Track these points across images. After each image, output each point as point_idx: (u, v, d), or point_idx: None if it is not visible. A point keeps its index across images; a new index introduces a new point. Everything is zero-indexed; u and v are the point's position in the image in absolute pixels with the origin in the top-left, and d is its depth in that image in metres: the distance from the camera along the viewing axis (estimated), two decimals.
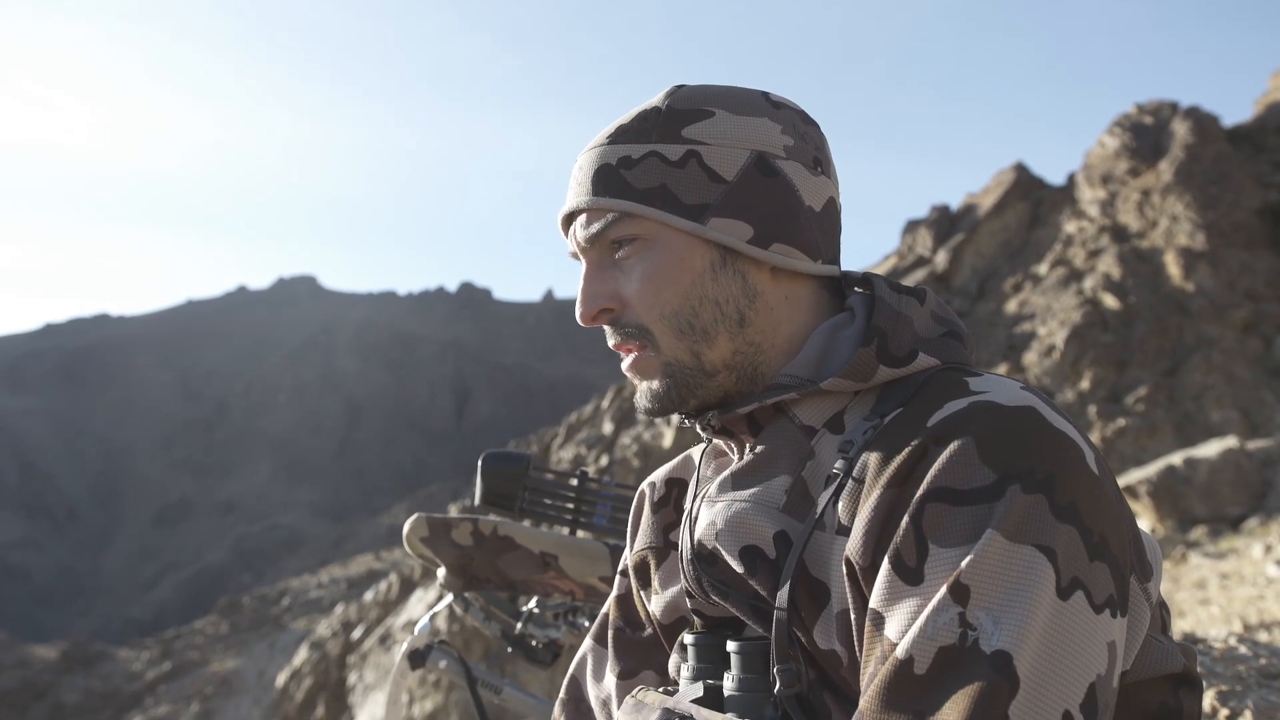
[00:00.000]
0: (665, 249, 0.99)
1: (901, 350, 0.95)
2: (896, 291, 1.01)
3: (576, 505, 2.07)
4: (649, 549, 1.14)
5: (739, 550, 0.94)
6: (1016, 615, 0.74)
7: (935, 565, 0.78)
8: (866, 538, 0.83)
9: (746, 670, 0.91)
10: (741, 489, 0.98)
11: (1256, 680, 2.04)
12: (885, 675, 0.76)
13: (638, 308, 1.00)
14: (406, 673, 1.99)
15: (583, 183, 1.02)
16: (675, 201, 0.98)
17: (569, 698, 1.23)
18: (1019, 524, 0.76)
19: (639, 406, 1.03)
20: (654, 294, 0.99)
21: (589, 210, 1.01)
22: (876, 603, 0.80)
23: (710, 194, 0.98)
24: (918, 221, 22.99)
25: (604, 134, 1.04)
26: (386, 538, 56.56)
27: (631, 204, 0.98)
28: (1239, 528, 8.98)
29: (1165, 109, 20.08)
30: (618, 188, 0.99)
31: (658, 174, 0.98)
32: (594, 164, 1.02)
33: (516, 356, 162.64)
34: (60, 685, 33.36)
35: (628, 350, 1.02)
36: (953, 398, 0.87)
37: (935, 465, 0.81)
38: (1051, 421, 0.83)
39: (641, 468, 17.14)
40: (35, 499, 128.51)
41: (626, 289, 1.00)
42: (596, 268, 1.03)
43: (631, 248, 1.00)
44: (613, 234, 1.00)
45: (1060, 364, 15.34)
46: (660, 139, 1.00)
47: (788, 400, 0.98)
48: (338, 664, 22.68)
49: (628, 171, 0.99)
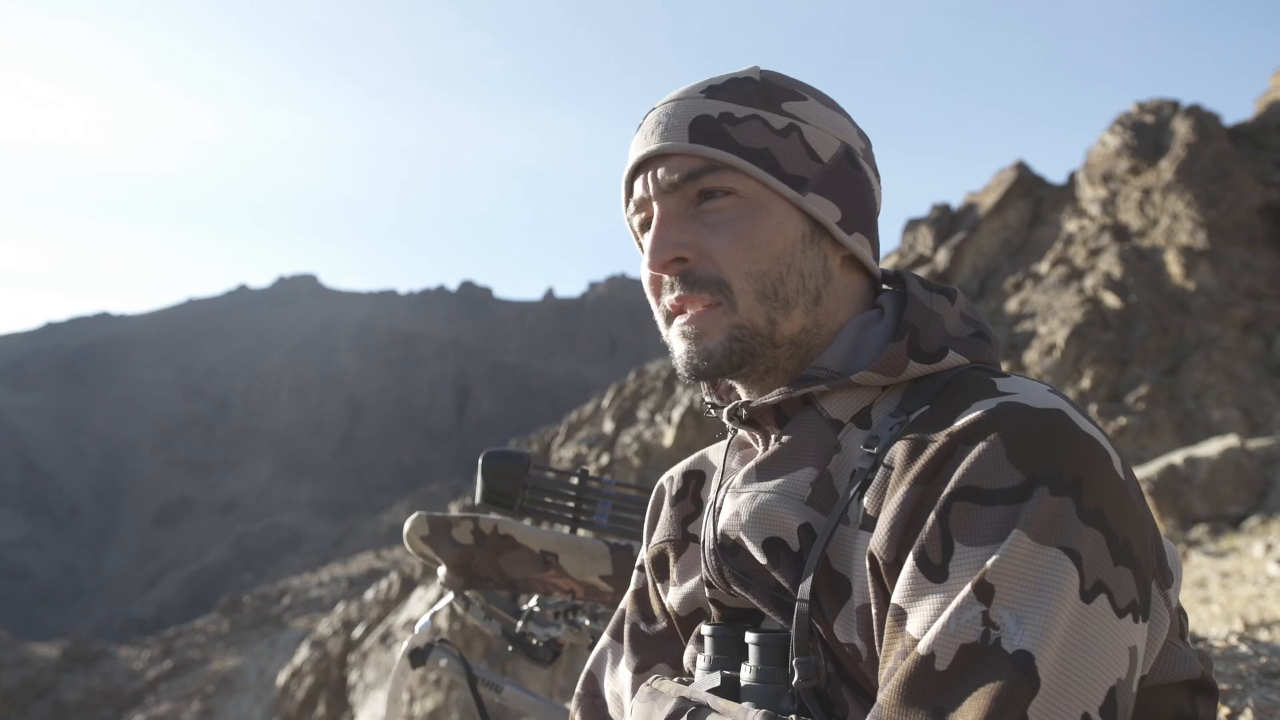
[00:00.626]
0: (763, 210, 0.98)
1: (932, 347, 0.96)
2: (927, 289, 1.01)
3: (577, 504, 2.07)
4: (667, 541, 1.14)
5: (763, 542, 0.94)
6: (1040, 616, 0.74)
7: (960, 563, 0.78)
8: (891, 533, 0.83)
9: (764, 662, 0.91)
10: (766, 480, 0.98)
11: (1257, 679, 2.04)
12: (906, 670, 0.76)
13: (723, 263, 0.97)
14: (407, 671, 1.99)
15: (675, 128, 0.99)
16: (778, 168, 0.98)
17: (585, 693, 1.22)
18: (1045, 526, 0.76)
19: (686, 366, 1.00)
20: (746, 252, 0.96)
21: (682, 155, 0.99)
22: (899, 598, 0.80)
23: (809, 169, 0.99)
24: (919, 220, 23.00)
25: (693, 89, 1.03)
26: (387, 536, 56.62)
27: (736, 158, 0.97)
28: (1240, 526, 8.99)
29: (1166, 108, 20.07)
30: (721, 139, 0.98)
31: (762, 137, 0.98)
32: (690, 113, 1.00)
33: (517, 355, 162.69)
34: (61, 683, 33.40)
35: (693, 304, 0.99)
36: (981, 397, 0.87)
37: (963, 464, 0.81)
38: (1080, 425, 0.83)
39: (642, 466, 17.15)
40: (36, 498, 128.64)
41: (711, 242, 0.97)
42: (675, 214, 0.99)
43: (726, 201, 0.98)
44: (707, 183, 0.98)
45: (1061, 363, 15.34)
46: (762, 106, 1.00)
47: (816, 392, 0.98)
48: (338, 662, 22.70)
49: (731, 127, 0.98)
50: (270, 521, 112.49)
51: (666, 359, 18.35)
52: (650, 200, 1.01)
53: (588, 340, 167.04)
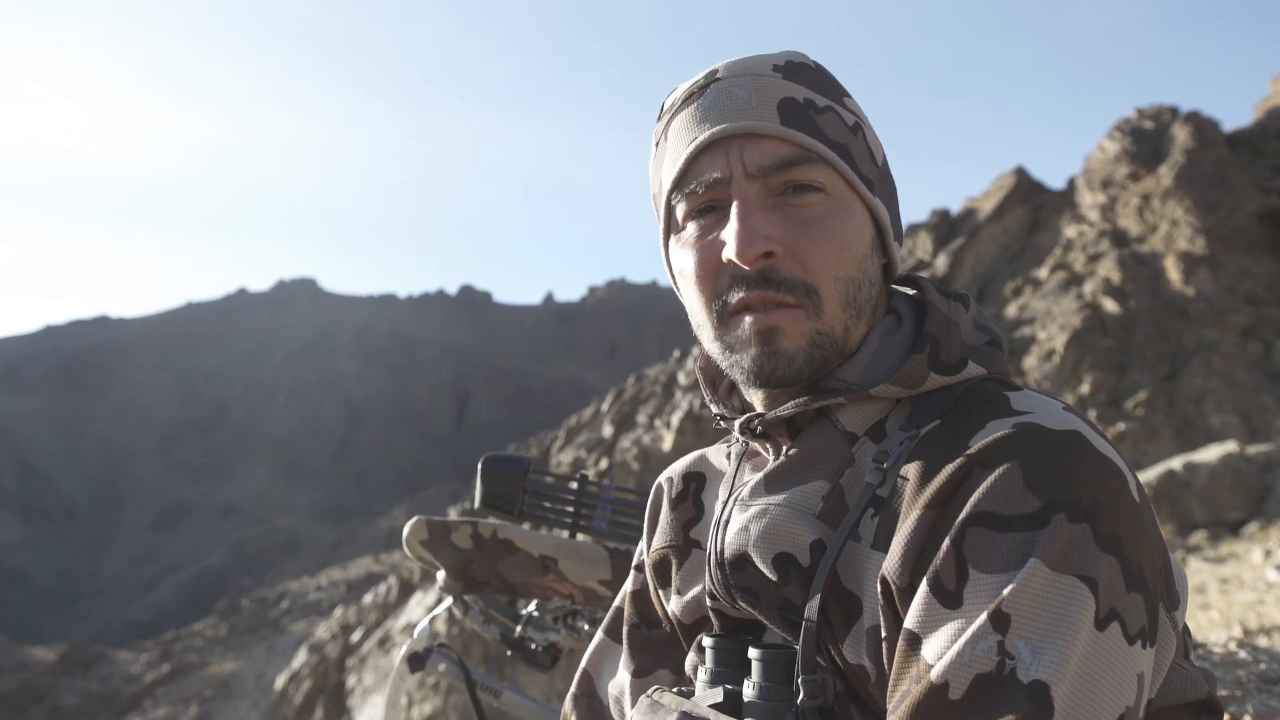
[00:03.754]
0: (849, 211, 0.92)
1: (953, 358, 0.93)
2: (945, 297, 0.98)
3: (576, 508, 2.06)
4: (669, 547, 1.10)
5: (773, 557, 0.91)
6: (1057, 646, 0.72)
7: (975, 590, 0.76)
8: (905, 557, 0.81)
9: (768, 678, 0.89)
10: (776, 492, 0.94)
11: (1256, 685, 2.04)
12: (918, 697, 0.75)
13: (811, 264, 0.90)
14: (406, 676, 1.99)
15: (759, 107, 0.91)
16: (856, 166, 0.93)
17: (581, 692, 1.20)
18: (1063, 553, 0.75)
19: (755, 370, 0.92)
20: (836, 254, 0.90)
21: (776, 139, 0.91)
22: (913, 624, 0.78)
23: (873, 171, 0.95)
24: (918, 225, 23.00)
25: (755, 63, 0.95)
26: (386, 540, 56.53)
27: (830, 152, 0.91)
28: (1239, 532, 8.98)
29: (1165, 114, 20.09)
30: (812, 128, 0.91)
31: (842, 131, 0.93)
32: (775, 93, 0.92)
33: (516, 360, 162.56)
34: (59, 687, 33.30)
35: (773, 303, 0.90)
36: (995, 416, 0.84)
37: (979, 489, 0.79)
38: (1097, 447, 0.81)
39: (641, 471, 17.13)
40: (35, 501, 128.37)
41: (801, 240, 0.90)
42: (760, 204, 0.90)
43: (817, 197, 0.91)
44: (800, 174, 0.90)
45: (1060, 368, 15.34)
46: (834, 98, 0.94)
47: (832, 404, 0.95)
48: (337, 667, 22.65)
49: (817, 115, 0.92)
50: (269, 525, 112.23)
51: (666, 364, 18.40)
52: (727, 182, 0.91)
53: (587, 345, 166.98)
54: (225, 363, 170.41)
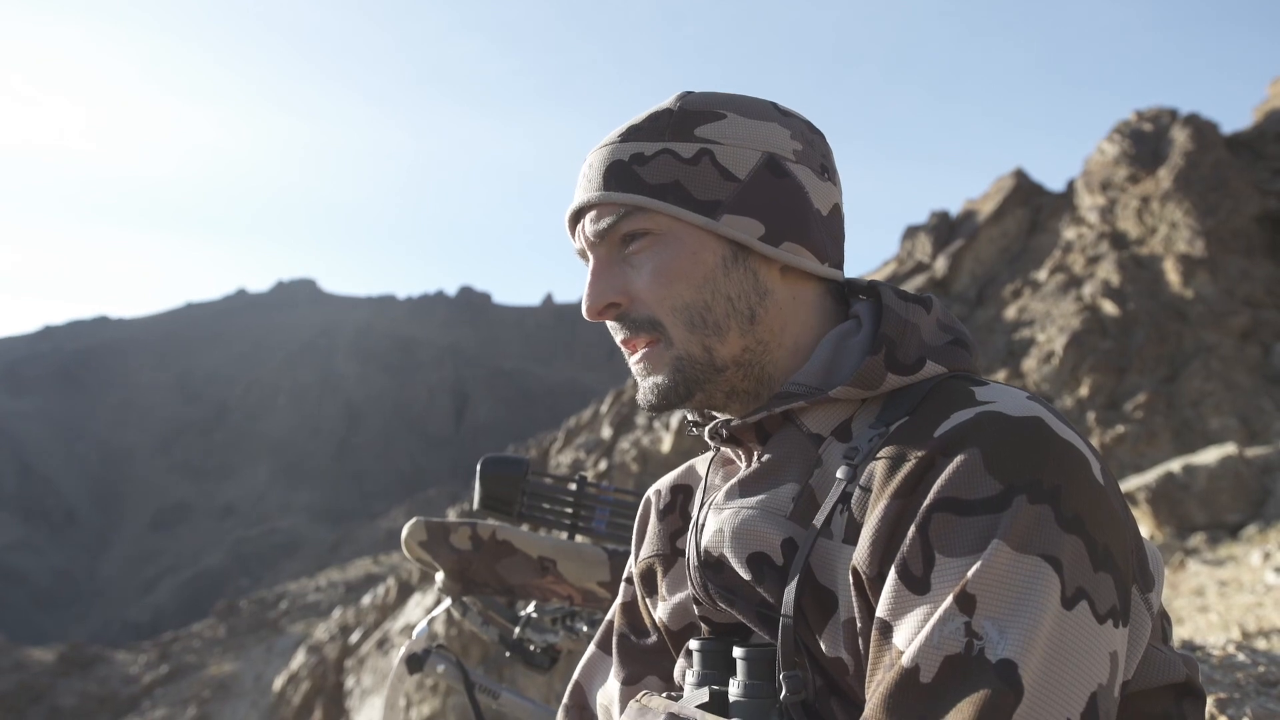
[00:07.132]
0: (678, 244, 0.99)
1: (909, 358, 0.96)
2: (903, 299, 1.01)
3: (575, 510, 2.07)
4: (655, 556, 1.14)
5: (746, 557, 0.94)
6: (1022, 625, 0.74)
7: (942, 575, 0.78)
8: (874, 547, 0.83)
9: (752, 676, 0.91)
10: (749, 496, 0.98)
11: (1255, 688, 2.04)
12: (891, 683, 0.76)
13: (649, 301, 0.99)
14: (404, 677, 1.99)
15: (594, 179, 1.02)
16: (688, 197, 0.98)
17: (572, 704, 1.23)
18: (1025, 534, 0.77)
19: (644, 402, 1.03)
20: (666, 287, 0.98)
21: (600, 205, 1.01)
22: (883, 612, 0.80)
23: (723, 191, 0.99)
24: (917, 227, 22.99)
25: (615, 133, 1.04)
26: (385, 541, 56.46)
27: (644, 198, 0.98)
28: (1238, 535, 8.98)
29: (1165, 116, 20.10)
30: (630, 183, 0.99)
31: (671, 170, 0.99)
32: (605, 160, 1.02)
33: (516, 361, 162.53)
34: (57, 688, 33.27)
35: (636, 345, 1.02)
36: (959, 407, 0.87)
37: (942, 475, 0.81)
38: (1058, 432, 0.83)
39: (640, 473, 17.13)
40: (33, 502, 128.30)
41: (636, 283, 1.00)
42: (605, 263, 1.02)
43: (643, 242, 0.99)
44: (624, 228, 1.00)
45: (1059, 370, 15.34)
46: (673, 137, 1.00)
47: (796, 409, 0.99)
48: (335, 668, 22.64)
49: (640, 167, 0.99)
50: (267, 526, 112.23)
51: None
52: (586, 251, 1.05)
53: (586, 346, 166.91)
54: (224, 363, 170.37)
